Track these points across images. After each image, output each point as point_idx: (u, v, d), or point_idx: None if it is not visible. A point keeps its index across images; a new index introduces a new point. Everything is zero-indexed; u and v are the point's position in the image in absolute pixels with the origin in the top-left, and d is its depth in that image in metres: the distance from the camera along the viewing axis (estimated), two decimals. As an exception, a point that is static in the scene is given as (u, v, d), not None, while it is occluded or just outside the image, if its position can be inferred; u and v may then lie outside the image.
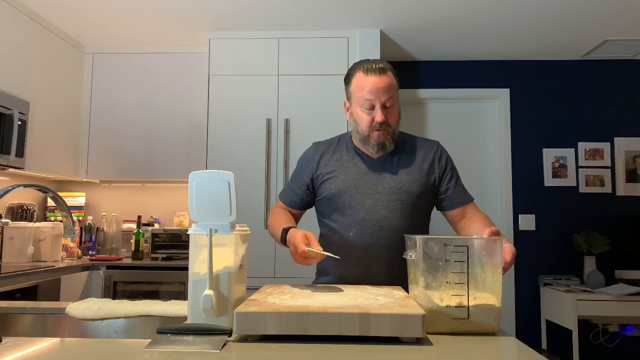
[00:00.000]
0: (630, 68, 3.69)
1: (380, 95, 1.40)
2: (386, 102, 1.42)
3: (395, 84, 1.46)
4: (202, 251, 1.03)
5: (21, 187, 1.29)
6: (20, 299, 2.40)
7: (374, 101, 1.41)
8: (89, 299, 1.34)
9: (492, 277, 1.03)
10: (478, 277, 1.02)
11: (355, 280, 1.44)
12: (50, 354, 0.86)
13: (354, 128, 1.49)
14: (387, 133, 1.44)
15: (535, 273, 3.57)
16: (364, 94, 1.42)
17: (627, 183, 3.61)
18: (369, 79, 1.41)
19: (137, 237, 3.25)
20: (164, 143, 3.45)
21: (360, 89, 1.43)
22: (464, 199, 1.53)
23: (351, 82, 1.47)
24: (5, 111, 2.64)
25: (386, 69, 1.43)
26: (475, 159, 3.76)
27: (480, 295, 1.02)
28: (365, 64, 1.44)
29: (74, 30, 3.28)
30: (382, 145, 1.45)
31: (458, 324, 1.01)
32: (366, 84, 1.41)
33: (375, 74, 1.41)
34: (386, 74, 1.42)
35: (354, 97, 1.47)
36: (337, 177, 1.50)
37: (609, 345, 3.48)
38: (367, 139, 1.46)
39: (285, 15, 3.02)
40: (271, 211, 1.62)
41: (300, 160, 1.60)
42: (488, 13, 2.96)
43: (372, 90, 1.40)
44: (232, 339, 0.95)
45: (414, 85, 3.77)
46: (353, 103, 1.48)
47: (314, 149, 1.58)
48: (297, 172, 1.60)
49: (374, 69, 1.41)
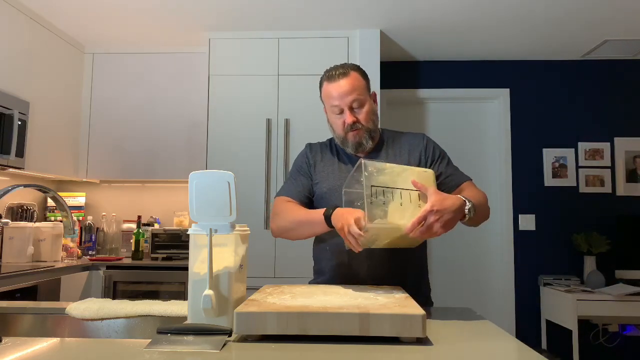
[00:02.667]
0: (630, 68, 3.69)
1: (344, 99, 1.44)
2: (352, 104, 1.44)
3: (362, 83, 1.47)
4: (202, 251, 1.03)
5: (21, 187, 1.29)
6: (20, 299, 2.40)
7: (340, 105, 1.45)
8: (89, 299, 1.34)
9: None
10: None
11: (352, 279, 1.43)
12: (50, 354, 0.86)
13: (332, 132, 1.55)
14: (362, 132, 1.46)
15: (535, 273, 3.58)
16: (331, 101, 1.46)
17: (627, 183, 3.61)
18: (332, 86, 1.45)
19: (137, 237, 3.25)
20: (164, 143, 3.45)
21: (328, 97, 1.48)
22: (459, 180, 1.50)
23: (321, 91, 1.53)
24: (5, 111, 2.64)
25: (347, 72, 1.46)
26: (475, 159, 3.76)
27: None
28: (329, 72, 1.49)
29: (74, 30, 3.28)
30: (359, 144, 1.48)
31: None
32: (331, 92, 1.46)
33: (337, 80, 1.45)
34: (347, 77, 1.45)
35: (325, 105, 1.52)
36: (328, 178, 1.52)
37: (609, 345, 3.48)
38: (345, 141, 1.49)
39: (285, 15, 3.02)
40: (280, 207, 1.50)
41: (297, 160, 1.62)
42: (488, 13, 2.96)
43: (336, 96, 1.44)
44: (232, 339, 0.95)
45: (414, 85, 3.77)
46: (326, 111, 1.53)
47: (308, 150, 1.61)
48: (296, 171, 1.59)
49: (334, 76, 1.46)
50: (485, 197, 1.43)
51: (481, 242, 3.70)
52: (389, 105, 3.71)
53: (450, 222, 1.17)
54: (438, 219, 1.14)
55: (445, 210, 1.15)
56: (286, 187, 1.58)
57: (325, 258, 1.53)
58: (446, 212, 1.15)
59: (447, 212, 1.15)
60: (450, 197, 1.21)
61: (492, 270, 3.67)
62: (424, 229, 1.14)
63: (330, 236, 1.48)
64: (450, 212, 1.16)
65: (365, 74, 1.52)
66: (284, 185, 1.61)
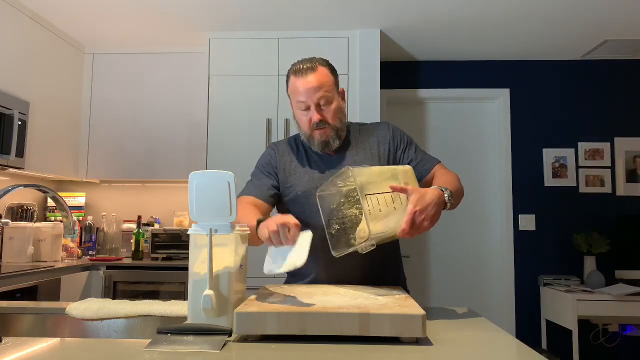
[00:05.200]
0: (630, 68, 3.69)
1: (311, 96, 1.38)
2: (319, 101, 1.39)
3: (330, 79, 1.42)
4: (202, 251, 1.03)
5: (21, 187, 1.29)
6: (20, 299, 2.40)
7: (307, 102, 1.40)
8: (89, 299, 1.34)
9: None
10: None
11: (332, 281, 1.39)
12: (50, 354, 0.86)
13: (298, 128, 1.48)
14: (329, 131, 1.42)
15: (535, 273, 3.57)
16: (297, 96, 1.41)
17: (627, 183, 3.61)
18: (299, 81, 1.39)
19: (137, 237, 3.25)
20: (164, 143, 3.45)
21: (294, 92, 1.42)
22: (430, 164, 1.47)
23: (288, 85, 1.47)
24: (5, 111, 2.64)
25: (315, 66, 1.40)
26: (475, 159, 3.76)
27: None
28: (295, 65, 1.43)
29: (74, 30, 3.28)
30: (326, 143, 1.43)
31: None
32: (297, 87, 1.40)
33: (304, 75, 1.39)
34: (315, 72, 1.39)
35: (291, 100, 1.47)
36: (300, 180, 1.46)
37: (609, 345, 3.48)
38: (311, 139, 1.44)
39: (285, 15, 3.02)
40: (241, 208, 1.33)
41: (262, 160, 1.53)
42: (488, 13, 2.96)
43: (303, 92, 1.39)
44: (232, 339, 0.95)
45: (414, 85, 3.77)
46: (292, 106, 1.47)
47: (274, 152, 1.53)
48: (260, 171, 1.50)
49: (301, 70, 1.40)
50: (457, 178, 1.41)
51: (481, 242, 3.70)
52: (389, 105, 3.71)
53: (435, 215, 1.18)
54: (424, 217, 1.15)
55: (428, 206, 1.16)
56: (250, 187, 1.47)
57: (306, 265, 1.48)
58: (429, 207, 1.17)
59: (430, 207, 1.17)
60: (428, 191, 1.20)
61: (492, 270, 3.67)
62: (413, 228, 1.15)
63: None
64: (433, 206, 1.18)
65: (334, 70, 1.46)
66: (247, 185, 1.49)
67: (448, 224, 3.68)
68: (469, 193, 3.80)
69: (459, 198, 1.37)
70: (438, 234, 3.69)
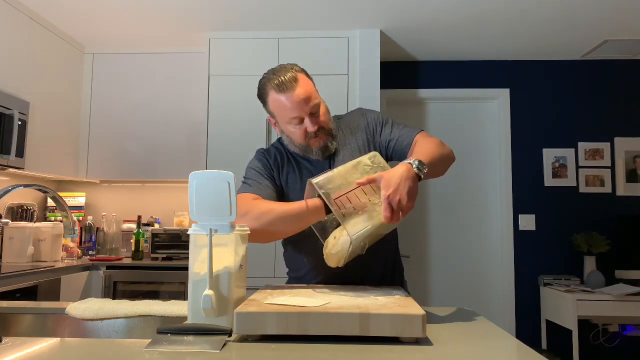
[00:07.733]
0: (630, 68, 3.69)
1: (303, 108, 1.32)
2: (312, 110, 1.33)
3: (311, 83, 1.37)
4: (202, 251, 1.03)
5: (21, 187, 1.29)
6: (20, 299, 2.40)
7: (300, 116, 1.33)
8: (89, 299, 1.34)
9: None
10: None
11: (332, 282, 1.38)
12: (50, 354, 0.86)
13: (290, 142, 1.42)
14: (325, 135, 1.37)
15: (535, 273, 3.58)
16: (287, 112, 1.33)
17: (627, 183, 3.61)
18: (284, 96, 1.32)
19: (137, 237, 3.25)
20: (164, 143, 3.45)
21: (281, 109, 1.35)
22: (409, 138, 1.39)
23: (267, 102, 1.39)
24: (5, 111, 2.64)
25: (296, 76, 1.33)
26: (475, 159, 3.76)
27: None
28: (275, 80, 1.35)
29: (74, 30, 3.28)
30: (325, 148, 1.38)
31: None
32: (284, 103, 1.32)
33: (289, 89, 1.31)
34: (297, 82, 1.32)
35: (278, 118, 1.39)
36: (294, 190, 1.41)
37: (609, 345, 3.48)
38: (309, 149, 1.39)
39: (285, 15, 3.02)
40: (249, 205, 1.28)
41: (256, 164, 1.45)
42: (488, 13, 2.96)
43: (294, 107, 1.32)
44: (232, 339, 0.95)
45: (414, 85, 3.77)
46: (280, 122, 1.39)
47: (265, 157, 1.46)
48: (258, 174, 1.42)
49: (284, 83, 1.32)
50: (436, 143, 1.33)
51: (481, 242, 3.70)
52: (389, 105, 3.71)
53: (411, 190, 1.12)
54: (399, 197, 1.10)
55: (398, 186, 1.11)
56: (249, 188, 1.38)
57: (305, 266, 1.46)
58: (400, 186, 1.11)
59: (402, 185, 1.11)
60: (395, 170, 1.15)
61: (492, 270, 3.67)
62: (395, 211, 1.10)
63: (304, 246, 1.43)
64: (404, 183, 1.11)
65: (306, 71, 1.40)
66: (243, 187, 1.39)
67: (448, 224, 3.69)
68: (469, 193, 3.84)
69: (442, 163, 1.31)
70: (438, 234, 3.69)
